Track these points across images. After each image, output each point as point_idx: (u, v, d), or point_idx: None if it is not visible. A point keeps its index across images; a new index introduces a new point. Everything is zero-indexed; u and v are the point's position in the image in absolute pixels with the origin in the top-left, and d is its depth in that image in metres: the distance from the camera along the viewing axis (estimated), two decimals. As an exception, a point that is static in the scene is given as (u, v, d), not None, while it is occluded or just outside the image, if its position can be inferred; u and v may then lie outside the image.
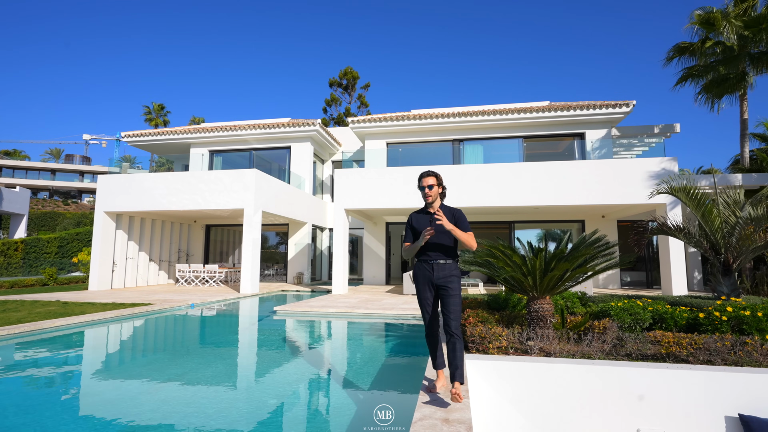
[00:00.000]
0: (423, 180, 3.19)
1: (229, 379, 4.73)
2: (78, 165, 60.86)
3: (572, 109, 14.06)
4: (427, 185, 3.16)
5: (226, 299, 11.19)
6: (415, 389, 3.47)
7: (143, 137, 17.91)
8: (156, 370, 4.98)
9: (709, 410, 3.53)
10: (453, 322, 2.93)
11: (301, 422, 3.56)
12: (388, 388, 4.44)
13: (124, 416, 3.47)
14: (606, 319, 4.64)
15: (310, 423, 3.54)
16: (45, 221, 37.45)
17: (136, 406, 3.74)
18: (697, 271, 14.03)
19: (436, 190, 3.17)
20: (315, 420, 3.63)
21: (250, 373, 5.14)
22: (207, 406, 3.71)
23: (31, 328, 6.28)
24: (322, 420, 3.65)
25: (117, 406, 3.74)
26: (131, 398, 3.96)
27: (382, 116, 15.72)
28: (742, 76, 13.03)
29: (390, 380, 4.68)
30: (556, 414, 3.74)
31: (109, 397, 4.01)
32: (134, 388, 4.26)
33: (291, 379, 4.85)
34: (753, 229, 4.71)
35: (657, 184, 10.28)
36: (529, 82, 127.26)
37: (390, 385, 4.56)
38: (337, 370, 5.27)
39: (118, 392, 4.15)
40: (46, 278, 15.58)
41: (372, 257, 16.41)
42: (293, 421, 3.60)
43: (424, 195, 3.18)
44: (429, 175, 3.19)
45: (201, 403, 3.78)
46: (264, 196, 13.26)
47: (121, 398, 3.97)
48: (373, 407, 3.85)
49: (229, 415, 3.50)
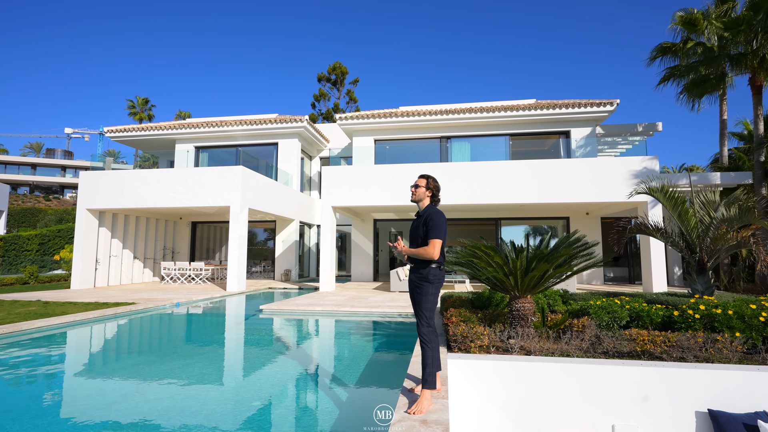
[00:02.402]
0: (416, 180, 3.37)
1: (213, 380, 4.72)
2: (59, 159, 59.41)
3: (558, 108, 14.22)
4: (413, 184, 3.32)
5: (212, 297, 11.11)
6: (398, 384, 3.53)
7: (127, 132, 17.59)
8: (139, 372, 4.95)
9: (681, 406, 3.65)
10: (422, 327, 3.00)
11: (285, 422, 3.59)
12: (371, 388, 4.49)
13: (105, 417, 3.46)
14: (585, 317, 4.76)
15: (293, 423, 3.57)
16: (25, 217, 36.55)
17: (117, 409, 3.73)
18: (678, 267, 14.38)
19: (421, 191, 3.26)
20: (298, 420, 3.66)
21: (235, 375, 5.15)
22: (191, 407, 3.71)
23: (9, 329, 6.16)
24: (304, 420, 3.69)
25: (98, 409, 3.72)
26: (113, 401, 3.94)
27: (369, 113, 15.70)
28: (722, 76, 13.33)
29: (373, 379, 4.73)
30: (535, 411, 3.83)
31: (92, 401, 3.98)
32: (116, 391, 4.23)
33: (276, 379, 4.86)
34: (726, 229, 4.86)
35: (637, 183, 10.49)
36: (515, 79, 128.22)
37: (373, 383, 4.61)
38: (322, 369, 5.30)
39: (100, 395, 4.12)
40: (27, 277, 15.26)
41: (360, 254, 16.44)
42: (277, 420, 3.62)
43: (411, 194, 3.33)
44: (420, 177, 3.33)
45: (185, 404, 3.78)
46: (251, 194, 13.16)
47: (103, 401, 3.94)
48: (356, 406, 3.91)
49: (213, 416, 3.51)
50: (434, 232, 3.00)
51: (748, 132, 16.35)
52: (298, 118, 16.40)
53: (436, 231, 3.00)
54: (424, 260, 3.05)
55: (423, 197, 3.26)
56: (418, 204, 3.31)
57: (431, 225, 3.04)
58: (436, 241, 2.98)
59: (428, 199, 3.26)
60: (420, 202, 3.29)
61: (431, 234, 3.01)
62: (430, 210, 3.18)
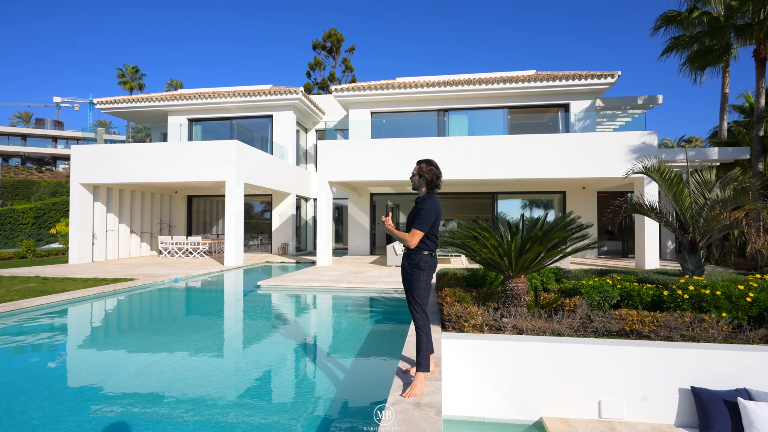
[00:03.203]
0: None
1: (213, 355, 4.84)
2: (50, 130, 58.26)
3: (558, 79, 13.94)
4: (411, 172, 3.37)
5: (210, 273, 11.22)
6: (393, 363, 3.64)
7: (117, 104, 17.18)
8: (141, 349, 5.06)
9: (665, 383, 3.79)
10: (415, 314, 3.03)
11: (281, 396, 3.71)
12: (368, 361, 4.63)
13: (109, 391, 3.57)
14: (577, 296, 4.86)
15: (290, 395, 3.69)
16: (19, 190, 36.22)
17: (122, 386, 3.84)
18: (671, 241, 14.56)
19: (417, 178, 3.27)
20: (297, 392, 3.79)
21: (235, 349, 5.27)
22: (193, 384, 3.83)
23: (10, 308, 6.24)
24: (303, 392, 3.81)
25: (104, 384, 3.83)
26: (116, 377, 4.05)
27: (366, 84, 15.35)
28: (726, 48, 13.02)
29: (369, 354, 4.87)
30: (526, 388, 3.97)
31: (95, 377, 4.09)
32: (118, 365, 4.34)
33: (274, 355, 4.99)
34: (720, 210, 4.89)
35: (635, 159, 10.45)
36: (515, 49, 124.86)
37: (369, 358, 4.75)
38: (320, 345, 5.44)
39: (102, 372, 4.23)
40: (24, 251, 15.30)
41: (357, 228, 16.51)
42: (276, 393, 3.75)
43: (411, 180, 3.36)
44: (417, 163, 3.32)
45: (187, 378, 3.89)
46: (246, 168, 13.04)
47: (107, 378, 4.05)
48: (351, 384, 4.04)
49: (217, 388, 3.62)
50: (419, 222, 3.03)
51: (749, 105, 16.15)
52: (293, 90, 16.03)
53: (421, 222, 3.03)
54: (417, 247, 3.07)
55: (421, 185, 3.24)
56: (419, 190, 3.30)
57: (420, 215, 3.06)
58: (417, 233, 3.02)
59: (425, 186, 3.24)
60: (420, 189, 3.27)
61: (416, 224, 3.04)
62: (425, 198, 3.17)
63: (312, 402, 3.61)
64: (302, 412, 3.37)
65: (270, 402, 3.64)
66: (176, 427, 3.02)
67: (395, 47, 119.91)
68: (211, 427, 3.04)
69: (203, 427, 3.04)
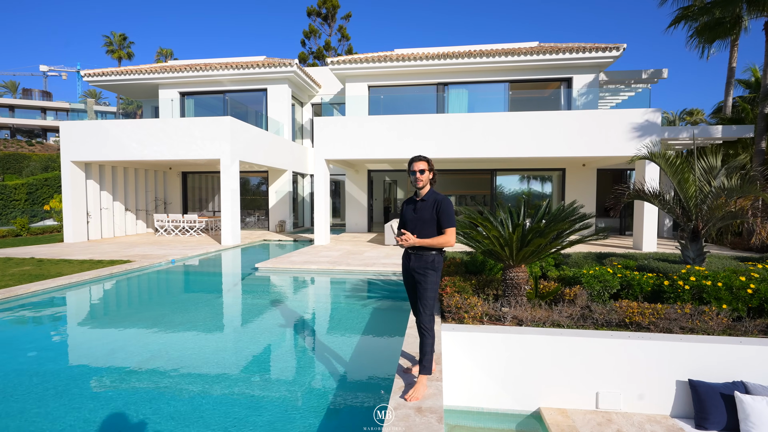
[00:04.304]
0: (414, 164, 3.04)
1: (213, 334, 4.84)
2: (38, 101, 56.61)
3: (561, 52, 13.50)
4: (418, 170, 3.02)
5: (207, 252, 11.17)
6: (391, 353, 3.63)
7: (105, 77, 16.58)
8: (137, 335, 5.04)
9: (663, 375, 3.82)
10: (423, 317, 2.90)
11: (277, 382, 3.72)
12: (365, 355, 4.64)
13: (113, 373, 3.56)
14: (577, 286, 4.83)
15: (288, 382, 3.70)
16: (10, 164, 35.56)
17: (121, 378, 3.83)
18: (668, 219, 14.57)
19: (426, 175, 3.03)
20: (289, 381, 3.80)
21: (235, 329, 5.28)
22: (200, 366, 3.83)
23: (5, 295, 6.17)
24: (301, 374, 3.83)
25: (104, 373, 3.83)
26: (117, 371, 4.04)
27: (363, 56, 14.83)
28: (737, 20, 12.57)
29: (368, 339, 4.88)
30: (526, 379, 4.00)
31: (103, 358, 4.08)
32: (118, 352, 4.34)
33: (272, 339, 4.99)
34: (725, 200, 4.80)
35: (639, 137, 10.25)
36: (518, 20, 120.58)
37: (368, 344, 4.76)
38: (318, 327, 5.46)
39: (108, 354, 4.22)
40: (18, 229, 15.15)
41: (354, 205, 16.39)
42: (274, 374, 3.76)
43: (414, 180, 3.04)
44: (420, 159, 3.04)
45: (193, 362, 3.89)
46: (241, 145, 12.76)
47: (108, 367, 4.05)
48: (348, 371, 4.05)
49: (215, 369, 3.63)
50: (451, 220, 2.91)
51: (756, 79, 15.79)
52: (288, 62, 15.49)
53: (452, 219, 2.91)
54: (430, 247, 2.95)
55: (427, 182, 3.06)
56: (421, 189, 3.07)
57: (445, 213, 2.91)
58: (453, 230, 2.91)
59: (430, 183, 3.07)
60: (425, 187, 3.07)
61: (448, 222, 2.91)
62: (437, 195, 3.01)
63: (314, 379, 3.62)
64: (302, 412, 3.38)
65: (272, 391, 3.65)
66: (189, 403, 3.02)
67: (393, 16, 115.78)
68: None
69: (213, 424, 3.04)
